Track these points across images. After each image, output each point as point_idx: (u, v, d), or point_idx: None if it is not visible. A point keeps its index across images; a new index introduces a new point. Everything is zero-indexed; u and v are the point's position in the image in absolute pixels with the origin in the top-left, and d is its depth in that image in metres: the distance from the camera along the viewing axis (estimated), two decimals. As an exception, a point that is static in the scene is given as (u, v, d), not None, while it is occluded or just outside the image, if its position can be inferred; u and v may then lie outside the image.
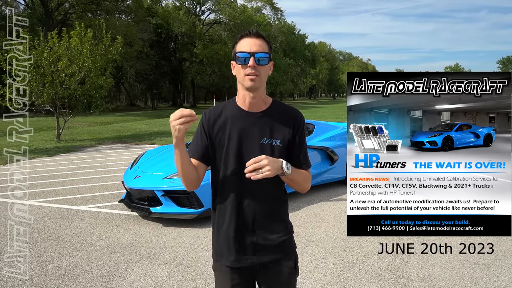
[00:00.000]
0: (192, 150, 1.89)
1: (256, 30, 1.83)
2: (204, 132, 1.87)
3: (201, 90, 71.56)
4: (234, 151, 1.82)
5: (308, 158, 1.93)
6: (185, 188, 1.87)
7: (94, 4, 39.50)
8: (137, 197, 5.66)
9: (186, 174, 1.79)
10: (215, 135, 1.85)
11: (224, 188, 1.86)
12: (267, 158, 1.69)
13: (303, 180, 1.89)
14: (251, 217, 1.84)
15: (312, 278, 3.79)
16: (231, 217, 1.85)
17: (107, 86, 14.99)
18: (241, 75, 1.79)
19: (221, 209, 1.88)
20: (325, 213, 5.79)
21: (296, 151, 1.88)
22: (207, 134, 1.87)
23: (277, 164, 1.73)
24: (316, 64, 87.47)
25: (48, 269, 4.05)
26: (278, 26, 61.85)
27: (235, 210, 1.84)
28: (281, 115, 1.87)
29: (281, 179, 1.84)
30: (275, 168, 1.71)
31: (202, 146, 1.87)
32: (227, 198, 1.86)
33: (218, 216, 1.90)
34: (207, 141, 1.87)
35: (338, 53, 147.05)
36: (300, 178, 1.86)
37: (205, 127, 1.87)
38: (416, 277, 3.77)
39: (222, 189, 1.87)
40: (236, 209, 1.84)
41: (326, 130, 7.51)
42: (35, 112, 17.22)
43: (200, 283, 3.72)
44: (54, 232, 5.13)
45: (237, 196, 1.84)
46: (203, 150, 1.86)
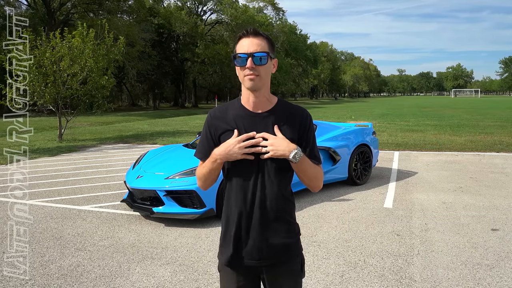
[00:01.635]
0: (201, 152, 1.89)
1: (253, 29, 1.79)
2: (210, 133, 1.87)
3: (203, 90, 71.69)
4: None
5: (318, 154, 1.88)
6: (200, 188, 1.92)
7: (96, 4, 39.57)
8: (139, 197, 5.66)
9: (210, 180, 1.87)
10: (220, 136, 1.84)
11: (230, 189, 1.85)
12: (276, 139, 1.74)
13: (314, 174, 1.84)
14: (258, 218, 1.82)
15: (315, 279, 3.78)
16: (237, 218, 1.84)
17: (109, 86, 14.99)
18: (241, 76, 1.78)
19: (228, 210, 1.88)
20: (327, 214, 5.78)
21: (305, 150, 1.82)
22: (212, 135, 1.86)
23: (286, 146, 1.73)
24: (318, 64, 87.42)
25: (51, 269, 4.05)
26: (279, 26, 61.84)
27: (241, 211, 1.83)
28: (287, 115, 1.84)
29: (289, 180, 1.83)
30: (280, 148, 1.73)
31: (209, 147, 1.86)
32: (233, 199, 1.85)
33: (225, 217, 1.89)
34: (214, 142, 1.86)
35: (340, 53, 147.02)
36: (311, 171, 1.82)
37: (211, 128, 1.87)
38: (419, 278, 3.76)
39: (229, 190, 1.87)
40: (243, 210, 1.82)
41: (328, 130, 7.50)
42: (37, 112, 17.24)
43: (202, 283, 3.71)
44: (57, 232, 5.14)
45: (243, 197, 1.82)
46: (211, 151, 1.85)
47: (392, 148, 12.17)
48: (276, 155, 1.73)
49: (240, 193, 1.82)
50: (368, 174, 7.74)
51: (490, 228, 5.09)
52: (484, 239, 4.72)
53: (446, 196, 6.66)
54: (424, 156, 10.79)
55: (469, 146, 12.24)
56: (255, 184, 1.80)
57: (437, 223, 5.28)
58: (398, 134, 15.83)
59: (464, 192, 6.88)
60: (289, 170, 1.84)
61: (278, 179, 1.80)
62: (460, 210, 5.87)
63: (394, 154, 11.10)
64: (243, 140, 1.74)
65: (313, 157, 1.85)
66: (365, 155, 7.71)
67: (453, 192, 6.92)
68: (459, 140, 13.59)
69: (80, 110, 15.14)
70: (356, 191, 7.03)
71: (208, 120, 1.89)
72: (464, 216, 5.56)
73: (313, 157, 1.86)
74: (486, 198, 6.47)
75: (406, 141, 13.62)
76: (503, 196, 6.59)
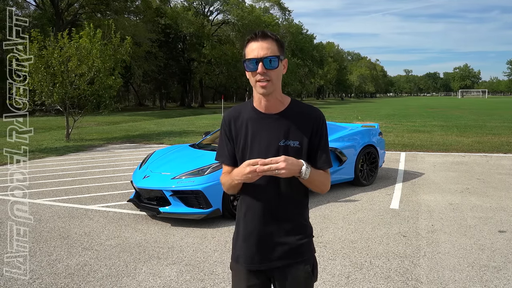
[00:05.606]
0: (222, 155, 1.90)
1: (262, 32, 1.75)
2: (227, 137, 1.88)
3: (209, 90, 71.86)
4: (253, 154, 1.79)
5: (330, 158, 1.85)
6: (226, 192, 1.91)
7: (104, 4, 39.79)
8: (145, 197, 5.69)
9: (232, 191, 1.85)
10: (235, 138, 1.85)
11: (244, 191, 1.86)
12: (286, 160, 1.64)
13: (322, 182, 1.82)
14: (271, 220, 1.82)
15: (321, 280, 3.78)
16: (251, 219, 1.84)
17: (116, 86, 15.07)
18: (252, 81, 1.76)
19: (241, 211, 1.89)
20: (333, 214, 5.77)
21: (317, 152, 1.82)
22: (229, 138, 1.88)
23: (296, 166, 1.68)
24: (324, 64, 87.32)
25: (58, 268, 4.08)
26: (286, 27, 61.81)
27: (255, 213, 1.83)
28: (299, 116, 1.82)
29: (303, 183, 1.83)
30: (292, 170, 1.66)
31: (228, 150, 1.88)
32: (247, 200, 1.86)
33: (239, 218, 1.91)
34: (231, 144, 1.87)
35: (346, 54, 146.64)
36: (319, 180, 1.80)
37: (226, 131, 1.88)
38: (425, 280, 3.75)
39: (243, 191, 1.87)
40: (256, 212, 1.83)
41: (334, 131, 7.49)
42: (45, 111, 17.35)
43: (208, 283, 3.73)
44: (64, 231, 5.17)
45: (257, 199, 1.82)
46: (232, 154, 1.87)
47: (399, 149, 12.12)
48: (288, 175, 1.68)
49: (254, 195, 1.83)
50: (374, 175, 7.72)
51: (497, 229, 5.06)
52: (491, 241, 4.69)
53: (453, 197, 6.62)
54: (431, 157, 10.74)
55: (476, 147, 12.16)
56: (269, 186, 1.80)
57: (443, 225, 5.26)
58: (404, 134, 15.76)
59: (471, 194, 6.84)
60: None
61: (292, 181, 1.79)
62: (467, 211, 5.84)
63: (400, 155, 11.06)
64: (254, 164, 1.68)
65: (325, 162, 1.83)
66: (372, 156, 7.69)
67: (460, 193, 6.89)
68: (466, 141, 13.51)
69: (88, 110, 15.24)
70: (362, 192, 7.02)
71: (223, 123, 1.90)
72: (471, 218, 5.53)
73: (326, 162, 1.84)
74: (493, 200, 6.43)
75: (413, 141, 13.56)
76: (510, 198, 6.54)
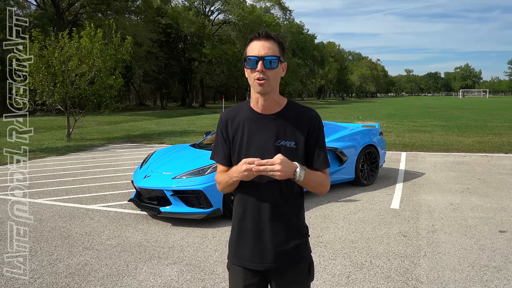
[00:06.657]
0: (218, 155, 1.92)
1: (265, 32, 1.77)
2: (223, 137, 1.90)
3: (210, 90, 71.84)
4: (249, 154, 1.80)
5: (327, 158, 1.86)
6: (220, 191, 1.93)
7: (104, 4, 39.80)
8: (146, 197, 5.70)
9: (228, 189, 1.87)
10: (231, 138, 1.87)
11: (240, 191, 1.87)
12: (282, 162, 1.65)
13: (319, 183, 1.83)
14: (266, 220, 1.83)
15: (321, 279, 3.78)
16: (246, 219, 1.86)
17: (117, 86, 15.08)
18: (251, 79, 1.78)
19: (237, 211, 1.90)
20: (333, 214, 5.77)
21: (313, 153, 1.83)
22: (225, 138, 1.89)
23: (291, 168, 1.69)
24: (325, 64, 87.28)
25: (59, 267, 4.09)
26: (286, 26, 61.80)
27: (250, 213, 1.85)
28: (296, 117, 1.84)
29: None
30: (287, 172, 1.67)
31: (224, 150, 1.90)
32: (243, 200, 1.87)
33: (234, 218, 1.92)
34: (227, 144, 1.89)
35: (347, 53, 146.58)
36: (315, 181, 1.81)
37: (223, 131, 1.89)
38: (425, 279, 3.75)
39: (238, 191, 1.88)
40: (252, 212, 1.84)
41: (335, 130, 7.50)
42: (46, 111, 17.38)
43: (209, 283, 3.73)
44: (65, 231, 5.18)
45: (253, 199, 1.84)
46: (227, 154, 1.89)
47: (399, 149, 12.12)
48: (283, 177, 1.69)
49: (250, 195, 1.84)
50: (375, 175, 7.72)
51: (498, 230, 5.06)
52: (491, 241, 4.69)
53: (453, 197, 6.62)
54: (432, 157, 10.74)
55: (477, 147, 12.16)
56: (265, 186, 1.81)
57: (444, 225, 5.26)
58: (405, 134, 15.76)
59: (471, 194, 6.84)
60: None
61: (287, 181, 1.79)
62: (467, 211, 5.84)
63: (401, 155, 11.05)
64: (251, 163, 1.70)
65: (322, 162, 1.85)
66: (372, 156, 7.70)
67: (460, 193, 6.89)
68: (467, 141, 13.50)
69: (88, 109, 15.27)
70: (362, 192, 7.02)
71: (220, 123, 1.91)
72: (471, 218, 5.53)
73: (323, 162, 1.85)
74: (494, 200, 6.43)
75: (414, 141, 13.55)
76: (511, 198, 6.54)
